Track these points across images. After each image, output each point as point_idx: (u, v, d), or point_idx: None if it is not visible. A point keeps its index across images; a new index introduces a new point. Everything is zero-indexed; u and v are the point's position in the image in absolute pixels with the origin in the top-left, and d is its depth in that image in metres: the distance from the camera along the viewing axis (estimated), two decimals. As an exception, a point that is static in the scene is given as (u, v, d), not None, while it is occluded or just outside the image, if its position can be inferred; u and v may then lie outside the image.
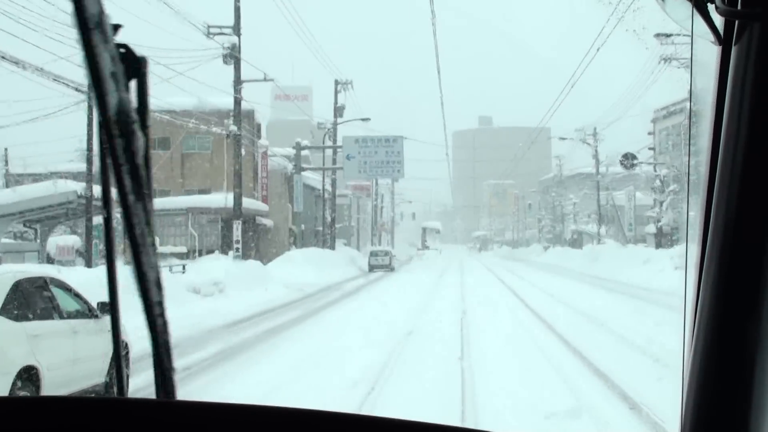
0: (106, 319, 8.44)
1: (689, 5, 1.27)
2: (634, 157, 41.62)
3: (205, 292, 21.64)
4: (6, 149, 39.89)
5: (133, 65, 1.07)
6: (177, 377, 1.11)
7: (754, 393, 1.23)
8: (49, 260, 28.62)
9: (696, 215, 1.35)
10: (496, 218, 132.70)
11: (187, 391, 8.68)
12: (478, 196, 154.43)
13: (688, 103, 1.83)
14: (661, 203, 42.24)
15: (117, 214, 1.09)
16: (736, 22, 1.22)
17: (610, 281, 29.42)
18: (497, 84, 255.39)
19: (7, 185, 36.73)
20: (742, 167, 1.21)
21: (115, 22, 1.02)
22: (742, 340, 1.23)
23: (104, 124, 1.00)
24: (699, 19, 1.29)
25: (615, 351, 12.03)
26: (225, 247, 33.47)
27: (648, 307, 18.38)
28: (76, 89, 22.19)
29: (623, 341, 13.11)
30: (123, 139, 1.02)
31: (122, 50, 1.05)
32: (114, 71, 1.01)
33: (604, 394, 9.00)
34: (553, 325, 15.46)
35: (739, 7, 1.19)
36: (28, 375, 7.43)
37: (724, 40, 1.27)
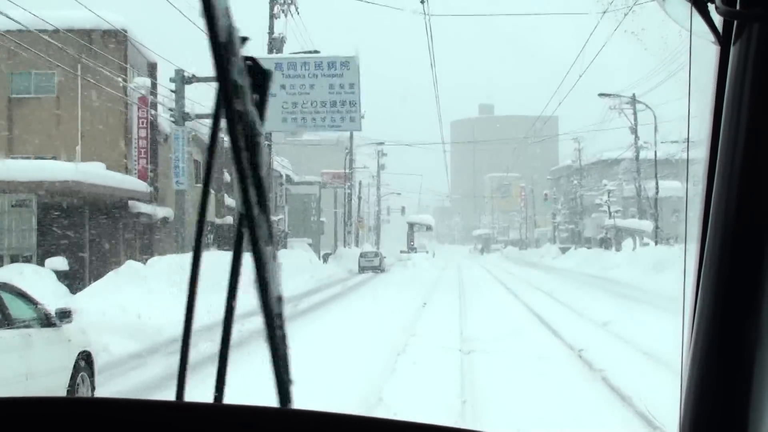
0: (67, 328, 8.09)
1: (689, 5, 1.30)
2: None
3: None
4: None
5: (259, 78, 1.11)
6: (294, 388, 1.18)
7: (752, 392, 1.25)
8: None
9: (695, 215, 1.39)
10: (499, 215, 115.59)
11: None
12: (478, 191, 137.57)
13: (687, 103, 1.83)
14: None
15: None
16: (735, 22, 1.25)
17: None
18: (499, 70, 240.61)
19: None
20: (741, 167, 1.24)
21: (243, 35, 1.08)
22: (741, 339, 1.26)
23: (232, 138, 1.05)
24: (698, 19, 1.31)
25: None
26: (47, 250, 22.70)
27: None
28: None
29: None
30: (249, 151, 1.07)
31: (249, 63, 1.09)
32: (241, 84, 1.05)
33: None
34: None
35: (738, 7, 1.22)
36: (-29, 391, 6.23)
37: (723, 40, 1.30)
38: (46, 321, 8.04)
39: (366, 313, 18.89)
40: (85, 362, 8.58)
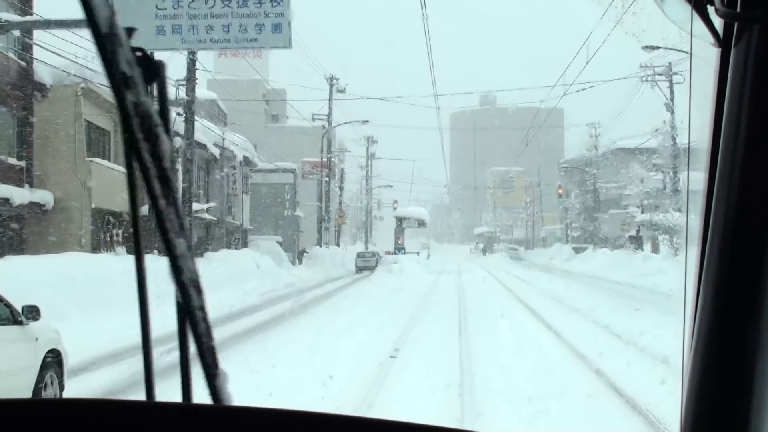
0: (34, 326, 7.83)
1: (689, 7, 1.31)
2: None
3: None
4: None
5: (151, 69, 1.10)
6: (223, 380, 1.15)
7: (753, 393, 1.27)
8: None
9: (696, 216, 1.40)
10: (502, 212, 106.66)
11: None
12: (479, 186, 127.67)
13: (688, 105, 1.65)
14: None
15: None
16: (736, 24, 1.27)
17: None
18: (501, 62, 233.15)
19: None
20: (742, 168, 1.26)
21: (128, 25, 1.08)
22: (741, 340, 1.28)
23: (127, 129, 1.05)
24: (698, 21, 1.33)
25: None
26: None
27: None
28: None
29: None
30: (149, 143, 1.06)
31: (138, 54, 1.08)
32: (131, 76, 1.04)
33: None
34: None
35: (738, 9, 1.24)
36: (-73, 393, 6.30)
37: (723, 42, 1.32)
38: (12, 318, 7.61)
39: (280, 381, 8.85)
40: (53, 361, 8.18)
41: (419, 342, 13.95)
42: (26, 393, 7.38)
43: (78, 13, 0.94)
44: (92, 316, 15.51)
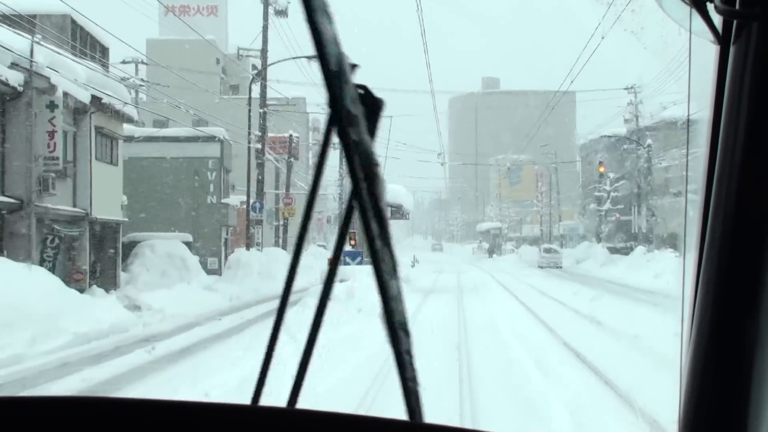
0: None
1: (688, 4, 1.34)
2: None
3: None
4: None
5: (372, 107, 1.14)
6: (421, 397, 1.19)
7: (752, 392, 1.29)
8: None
9: (694, 214, 1.43)
10: (509, 205, 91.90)
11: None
12: (482, 175, 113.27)
13: (687, 103, 1.79)
14: None
15: None
16: (735, 22, 1.31)
17: None
18: (505, 41, 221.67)
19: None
20: (741, 167, 1.29)
21: (353, 61, 1.11)
22: (740, 339, 1.30)
23: (350, 168, 1.10)
24: (698, 19, 1.35)
25: None
26: None
27: None
28: None
29: None
30: (367, 182, 1.10)
31: (361, 91, 1.13)
32: (355, 114, 1.08)
33: None
34: None
35: (737, 7, 1.28)
36: None
37: (722, 40, 1.35)
38: None
39: None
40: None
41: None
42: None
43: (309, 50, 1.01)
44: None
